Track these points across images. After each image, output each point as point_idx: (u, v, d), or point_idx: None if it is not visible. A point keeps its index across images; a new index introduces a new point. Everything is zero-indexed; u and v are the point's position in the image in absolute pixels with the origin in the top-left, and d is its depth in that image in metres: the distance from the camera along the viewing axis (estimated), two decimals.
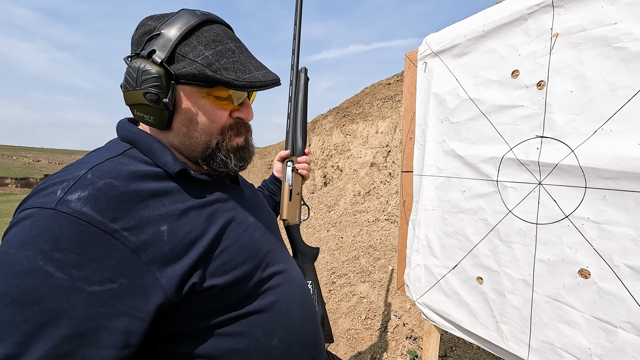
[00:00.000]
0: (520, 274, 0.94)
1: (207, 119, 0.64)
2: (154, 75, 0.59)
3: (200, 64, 0.59)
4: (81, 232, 0.48)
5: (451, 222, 1.16)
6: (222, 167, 0.69)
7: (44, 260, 0.45)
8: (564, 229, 0.84)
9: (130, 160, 0.62)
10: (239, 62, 0.63)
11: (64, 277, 0.46)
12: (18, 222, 0.48)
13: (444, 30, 1.20)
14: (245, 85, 0.60)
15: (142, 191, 0.58)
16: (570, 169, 0.82)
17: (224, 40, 0.64)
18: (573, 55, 0.82)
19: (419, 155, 1.32)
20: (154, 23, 0.63)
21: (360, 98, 9.10)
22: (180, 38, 0.60)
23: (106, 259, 0.50)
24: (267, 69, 0.67)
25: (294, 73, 1.13)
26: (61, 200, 0.49)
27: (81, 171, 0.55)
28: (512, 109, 0.96)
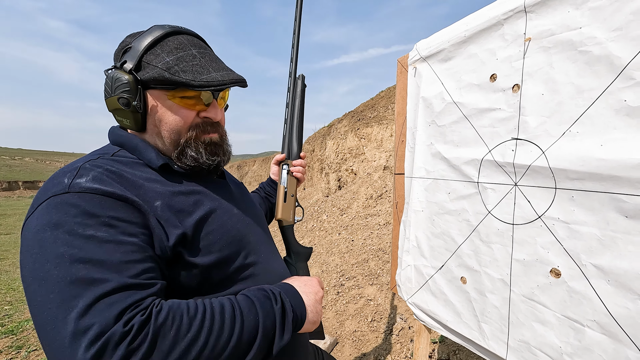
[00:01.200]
0: (499, 274, 0.95)
1: (174, 119, 0.71)
2: (124, 82, 0.67)
3: (160, 68, 0.66)
4: (100, 201, 0.56)
5: (438, 223, 1.19)
6: (193, 162, 0.74)
7: (82, 228, 0.52)
8: (537, 229, 0.85)
9: (121, 160, 0.70)
10: (199, 65, 0.69)
11: (105, 235, 0.53)
12: (40, 211, 0.54)
13: (432, 36, 1.24)
14: (202, 85, 0.66)
15: (135, 177, 0.65)
16: (542, 170, 0.83)
17: (187, 48, 0.70)
18: (544, 59, 0.84)
19: (410, 157, 1.35)
20: (130, 39, 0.72)
21: (376, 102, 9.10)
22: (146, 48, 0.68)
23: (132, 216, 0.58)
24: (229, 71, 0.72)
25: (292, 80, 1.18)
26: (72, 184, 0.56)
27: (79, 164, 0.63)
28: (491, 112, 0.98)
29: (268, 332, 0.60)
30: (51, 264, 0.49)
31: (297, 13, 1.16)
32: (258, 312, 0.60)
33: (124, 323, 0.46)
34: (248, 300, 0.62)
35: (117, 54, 0.72)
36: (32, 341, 4.17)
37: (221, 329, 0.54)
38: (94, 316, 0.45)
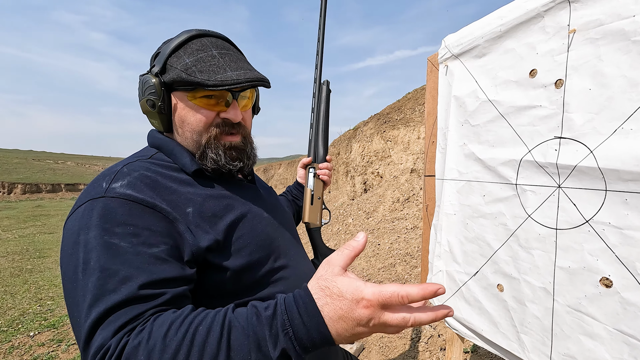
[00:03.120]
0: (541, 282, 0.89)
1: (195, 119, 0.72)
2: (151, 85, 0.70)
3: (179, 70, 0.68)
4: (130, 209, 0.59)
5: (472, 227, 1.13)
6: (213, 164, 0.74)
7: (108, 235, 0.55)
8: (584, 234, 0.79)
9: (157, 163, 0.73)
10: (217, 65, 0.69)
11: (127, 245, 0.56)
12: (78, 214, 0.59)
13: (461, 31, 1.19)
14: (217, 84, 0.66)
15: (169, 183, 0.68)
16: (590, 171, 0.77)
17: (207, 49, 0.72)
18: (591, 51, 0.78)
19: (441, 159, 1.30)
20: (163, 45, 0.74)
21: (402, 104, 8.97)
22: (171, 52, 0.71)
23: (155, 226, 0.60)
24: (248, 70, 0.72)
25: (317, 86, 1.20)
26: (108, 189, 0.61)
27: (118, 167, 0.67)
28: (531, 110, 0.92)
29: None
30: (79, 268, 0.54)
31: (321, 22, 1.17)
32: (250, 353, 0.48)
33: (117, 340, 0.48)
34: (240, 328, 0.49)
35: (151, 60, 0.76)
36: (72, 335, 4.39)
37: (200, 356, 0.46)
38: (101, 330, 0.49)
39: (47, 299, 6.24)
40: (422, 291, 0.43)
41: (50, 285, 7.00)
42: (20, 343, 4.25)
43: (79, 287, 0.52)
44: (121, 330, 0.49)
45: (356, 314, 0.45)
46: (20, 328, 4.83)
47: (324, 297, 0.47)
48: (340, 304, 0.45)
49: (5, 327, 4.87)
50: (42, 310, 5.61)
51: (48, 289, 6.83)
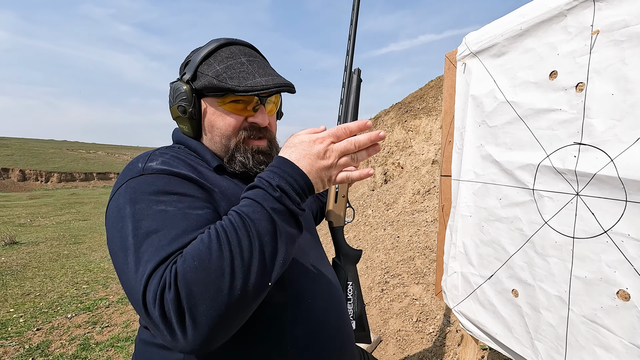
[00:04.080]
0: (556, 290, 0.88)
1: (224, 124, 0.76)
2: (182, 91, 0.74)
3: (210, 77, 0.71)
4: (169, 180, 0.64)
5: (487, 230, 1.12)
6: (241, 167, 0.78)
7: (156, 204, 0.59)
8: (602, 244, 0.77)
9: (184, 152, 0.78)
10: (246, 71, 0.72)
11: (174, 209, 0.60)
12: (120, 193, 0.63)
13: (482, 29, 1.15)
14: (247, 90, 0.69)
15: (197, 167, 0.72)
16: (609, 180, 0.74)
17: (236, 56, 0.74)
18: (615, 54, 0.74)
19: (457, 159, 1.28)
20: (192, 54, 0.78)
21: (425, 92, 8.74)
22: (201, 60, 0.74)
23: (196, 193, 0.65)
24: (275, 77, 0.74)
25: (347, 74, 1.11)
26: (145, 167, 0.65)
27: (150, 152, 0.72)
28: (550, 113, 0.89)
29: (283, 216, 0.57)
30: (130, 236, 0.57)
31: (355, 2, 1.08)
32: (263, 206, 0.56)
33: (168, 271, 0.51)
34: (248, 201, 0.57)
35: (181, 68, 0.79)
36: (105, 318, 4.67)
37: (238, 238, 0.53)
38: (153, 278, 0.51)
39: (82, 283, 6.64)
40: (358, 123, 0.59)
41: (85, 270, 7.44)
42: (59, 324, 4.56)
43: (132, 252, 0.55)
44: (169, 265, 0.52)
45: (314, 149, 0.58)
46: (59, 310, 5.18)
47: (288, 149, 0.60)
48: (301, 146, 0.59)
49: (46, 309, 5.23)
50: (78, 294, 5.98)
51: (83, 273, 7.25)
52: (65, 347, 3.93)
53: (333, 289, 0.89)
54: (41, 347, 3.90)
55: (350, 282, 1.16)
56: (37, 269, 7.43)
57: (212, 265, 0.50)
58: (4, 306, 5.40)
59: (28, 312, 5.05)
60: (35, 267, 7.53)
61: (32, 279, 6.75)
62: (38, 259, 8.18)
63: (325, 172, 0.59)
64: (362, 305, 1.20)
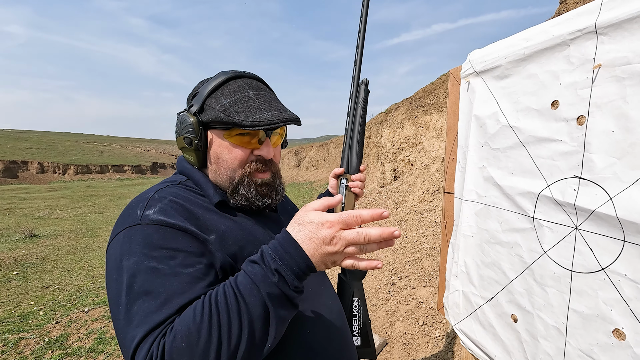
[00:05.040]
0: (554, 321, 0.88)
1: (230, 156, 0.77)
2: (189, 123, 0.75)
3: (218, 110, 0.72)
4: (164, 233, 0.65)
5: (489, 252, 1.12)
6: (244, 200, 0.79)
7: (147, 260, 0.62)
8: (599, 281, 0.77)
9: (185, 189, 0.79)
10: (253, 106, 0.73)
11: (166, 267, 0.62)
12: (118, 241, 0.66)
13: (487, 48, 1.13)
14: (253, 125, 0.70)
15: (195, 208, 0.74)
16: (608, 219, 0.74)
17: (244, 90, 0.76)
18: (616, 90, 0.73)
19: (460, 177, 1.27)
20: (200, 85, 0.80)
21: (436, 87, 8.61)
22: (209, 93, 0.75)
23: (189, 248, 0.66)
24: (282, 111, 0.75)
25: (354, 85, 1.08)
26: (142, 216, 0.67)
27: (149, 194, 0.73)
28: (551, 143, 0.88)
29: (278, 300, 0.58)
30: (123, 292, 0.60)
31: (363, 9, 1.05)
32: (259, 289, 0.57)
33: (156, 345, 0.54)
34: (247, 279, 0.58)
35: (189, 99, 0.81)
36: None
37: (229, 322, 0.55)
38: (143, 344, 0.55)
39: (98, 277, 6.86)
40: (371, 212, 0.56)
41: (101, 264, 7.67)
42: (77, 317, 4.74)
43: (124, 310, 0.58)
44: (158, 337, 0.55)
45: (321, 234, 0.57)
46: (77, 303, 5.37)
47: (296, 226, 0.59)
48: (309, 227, 0.58)
49: (64, 302, 5.43)
50: (95, 287, 6.18)
51: (99, 267, 7.48)
52: (82, 340, 4.09)
53: (334, 315, 0.91)
54: (60, 340, 4.06)
55: (355, 298, 1.18)
56: (55, 262, 7.70)
57: (199, 348, 0.53)
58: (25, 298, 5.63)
59: (48, 305, 5.26)
60: (54, 260, 7.80)
61: (51, 272, 7.00)
62: (56, 251, 8.46)
63: (329, 257, 0.58)
64: (368, 320, 1.21)
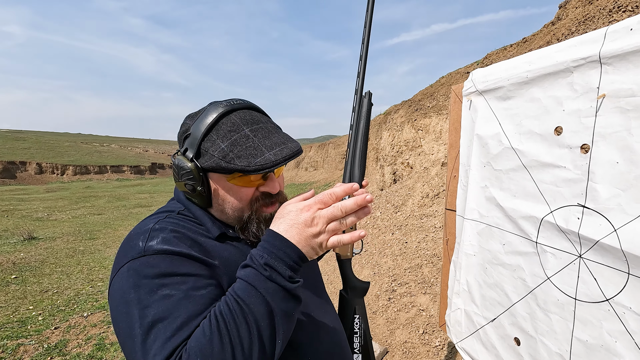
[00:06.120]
0: (557, 348, 0.87)
1: (235, 198, 0.75)
2: (188, 170, 0.72)
3: (217, 157, 0.69)
4: (171, 261, 0.64)
5: (491, 273, 1.11)
6: (254, 237, 0.78)
7: (160, 288, 0.60)
8: (604, 312, 0.76)
9: (185, 219, 0.77)
10: (252, 146, 0.70)
11: (178, 292, 0.61)
12: (123, 275, 0.64)
13: (489, 68, 1.13)
14: (257, 169, 0.68)
15: (197, 237, 0.73)
16: (612, 250, 0.73)
17: (239, 128, 0.72)
18: (620, 121, 0.72)
19: (462, 195, 1.27)
20: (189, 122, 0.76)
21: (435, 89, 8.61)
22: (203, 135, 0.71)
23: (198, 271, 0.65)
24: (283, 146, 0.73)
25: (357, 98, 1.06)
26: (145, 247, 0.65)
27: (150, 225, 0.71)
28: (554, 169, 0.88)
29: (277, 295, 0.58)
30: (137, 324, 0.58)
31: (367, 19, 1.02)
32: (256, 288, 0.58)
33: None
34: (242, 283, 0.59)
35: (180, 138, 0.77)
36: None
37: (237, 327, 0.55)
38: None
39: (97, 280, 6.84)
40: (344, 187, 0.62)
41: (100, 267, 7.65)
42: (76, 323, 4.72)
43: (140, 341, 0.57)
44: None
45: (301, 217, 0.59)
46: (75, 308, 5.36)
47: (277, 221, 0.61)
48: (289, 216, 0.60)
49: (63, 307, 5.42)
50: (93, 292, 6.17)
51: (98, 270, 7.46)
52: (81, 346, 4.08)
53: (335, 337, 0.91)
54: (59, 347, 4.05)
55: (357, 315, 1.17)
56: (54, 265, 7.68)
57: (216, 358, 0.53)
58: (24, 303, 5.62)
59: (46, 310, 5.24)
60: (53, 264, 7.77)
61: (50, 276, 6.98)
62: (55, 255, 8.44)
63: (314, 240, 0.59)
64: (369, 337, 1.21)
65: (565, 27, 4.58)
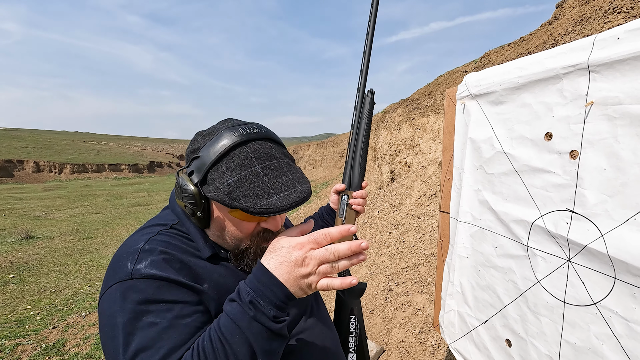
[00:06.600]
0: (547, 350, 0.89)
1: (236, 230, 0.74)
2: (190, 194, 0.70)
3: (222, 192, 0.66)
4: (158, 287, 0.64)
5: (484, 275, 1.13)
6: (248, 268, 0.77)
7: (145, 315, 0.61)
8: (591, 315, 0.78)
9: (177, 236, 0.76)
10: (260, 187, 0.67)
11: (163, 320, 0.61)
12: (110, 296, 0.64)
13: (482, 73, 1.14)
14: (262, 212, 0.65)
15: (187, 257, 0.72)
16: (599, 255, 0.75)
17: (251, 164, 0.68)
18: (608, 129, 0.74)
19: (456, 198, 1.28)
20: (201, 141, 0.73)
21: (433, 88, 8.63)
22: (212, 163, 0.68)
23: (185, 298, 0.65)
24: (291, 190, 0.69)
25: (359, 96, 1.04)
26: (133, 271, 0.65)
27: (139, 244, 0.70)
28: (544, 174, 0.89)
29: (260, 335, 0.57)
30: (121, 349, 0.59)
31: (372, 14, 1.00)
32: (239, 327, 0.57)
33: None
34: (227, 319, 0.59)
35: (188, 156, 0.74)
36: None
37: None
38: None
39: (95, 280, 6.84)
40: (339, 229, 0.57)
41: (98, 267, 7.65)
42: (74, 322, 4.72)
43: None
44: None
45: (293, 256, 0.57)
46: (73, 307, 5.36)
47: (269, 254, 0.60)
48: (280, 252, 0.59)
49: (61, 306, 5.42)
50: (92, 291, 6.17)
51: (96, 269, 7.46)
52: (79, 346, 4.08)
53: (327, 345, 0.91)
54: (57, 346, 4.05)
55: (352, 315, 1.18)
56: (52, 264, 7.67)
57: None
58: (22, 302, 5.61)
59: (44, 310, 5.24)
60: (51, 263, 7.76)
61: (48, 275, 6.97)
62: (53, 254, 8.43)
63: (304, 280, 0.57)
64: (365, 337, 1.22)
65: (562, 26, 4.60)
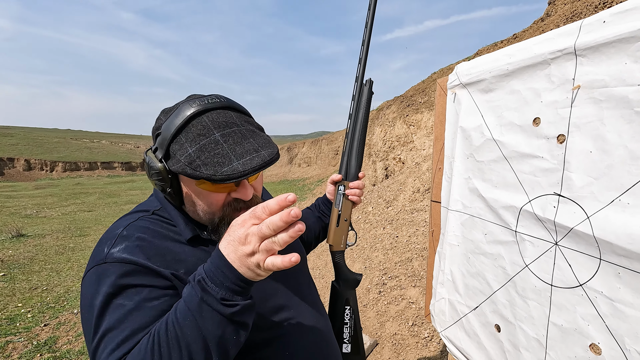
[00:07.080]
0: (535, 333, 0.90)
1: (205, 203, 0.73)
2: (157, 170, 0.71)
3: (184, 163, 0.66)
4: (128, 270, 0.66)
5: (474, 262, 1.14)
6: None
7: (116, 297, 0.63)
8: (577, 297, 0.79)
9: (157, 221, 0.77)
10: (220, 154, 0.66)
11: (131, 303, 0.63)
12: (88, 279, 0.67)
13: (474, 61, 1.15)
14: (224, 179, 0.65)
15: (164, 244, 0.73)
16: (585, 237, 0.76)
17: (210, 132, 0.68)
18: (594, 112, 0.74)
19: (446, 187, 1.29)
20: (163, 117, 0.73)
21: (427, 85, 8.66)
22: (172, 136, 0.68)
23: (154, 282, 0.67)
24: (254, 153, 0.68)
25: (357, 86, 1.03)
26: (107, 254, 0.67)
27: (119, 230, 0.72)
28: (533, 159, 0.90)
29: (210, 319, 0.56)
30: (92, 331, 0.62)
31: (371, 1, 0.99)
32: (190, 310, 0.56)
33: None
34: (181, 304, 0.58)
35: (153, 134, 0.74)
36: None
37: (169, 353, 0.55)
38: None
39: None
40: (277, 199, 0.52)
41: None
42: (66, 320, 4.68)
43: (93, 348, 0.62)
44: None
45: (236, 234, 0.54)
46: (65, 305, 5.31)
47: (225, 235, 0.57)
48: (229, 231, 0.56)
49: (53, 304, 5.36)
50: None
51: None
52: (72, 343, 4.05)
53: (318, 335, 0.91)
54: (49, 343, 4.01)
55: (348, 306, 1.19)
56: (43, 262, 7.57)
57: None
58: (12, 300, 5.54)
59: (36, 307, 5.18)
60: (42, 261, 7.67)
61: (39, 273, 6.89)
62: (44, 252, 8.32)
63: (249, 259, 0.54)
64: (359, 328, 1.22)
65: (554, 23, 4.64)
